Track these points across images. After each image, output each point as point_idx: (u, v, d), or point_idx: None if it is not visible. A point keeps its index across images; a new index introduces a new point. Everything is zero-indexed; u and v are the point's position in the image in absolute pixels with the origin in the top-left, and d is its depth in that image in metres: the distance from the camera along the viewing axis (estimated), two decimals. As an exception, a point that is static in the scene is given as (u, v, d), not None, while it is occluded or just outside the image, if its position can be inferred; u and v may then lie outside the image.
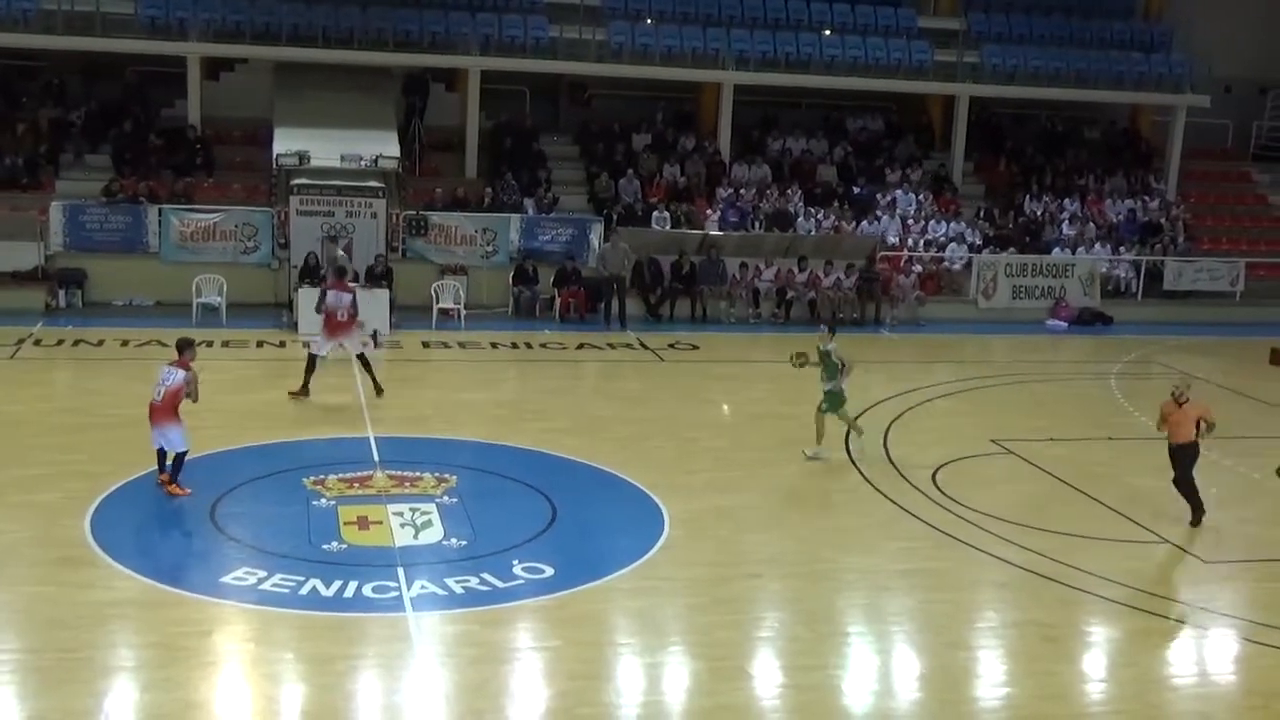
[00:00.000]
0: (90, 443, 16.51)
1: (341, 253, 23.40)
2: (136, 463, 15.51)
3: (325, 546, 13.31)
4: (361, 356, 19.44)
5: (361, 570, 12.70)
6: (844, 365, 16.98)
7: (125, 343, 22.01)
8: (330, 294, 19.09)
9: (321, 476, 15.37)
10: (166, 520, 14.23)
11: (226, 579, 12.46)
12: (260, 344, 22.71)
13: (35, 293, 24.29)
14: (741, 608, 12.50)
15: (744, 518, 14.96)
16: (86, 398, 19.02)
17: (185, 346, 15.12)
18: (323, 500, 14.72)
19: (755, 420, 19.60)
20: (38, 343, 21.84)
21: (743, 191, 30.01)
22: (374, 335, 20.88)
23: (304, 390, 18.93)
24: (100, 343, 21.93)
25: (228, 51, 28.44)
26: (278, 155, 25.86)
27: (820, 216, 29.88)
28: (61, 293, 24.56)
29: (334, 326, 18.95)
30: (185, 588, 12.25)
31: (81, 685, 10.41)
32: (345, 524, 13.97)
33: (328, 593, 12.21)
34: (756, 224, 29.24)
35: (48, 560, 12.80)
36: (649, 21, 31.06)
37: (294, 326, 23.75)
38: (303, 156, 25.57)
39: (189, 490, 14.63)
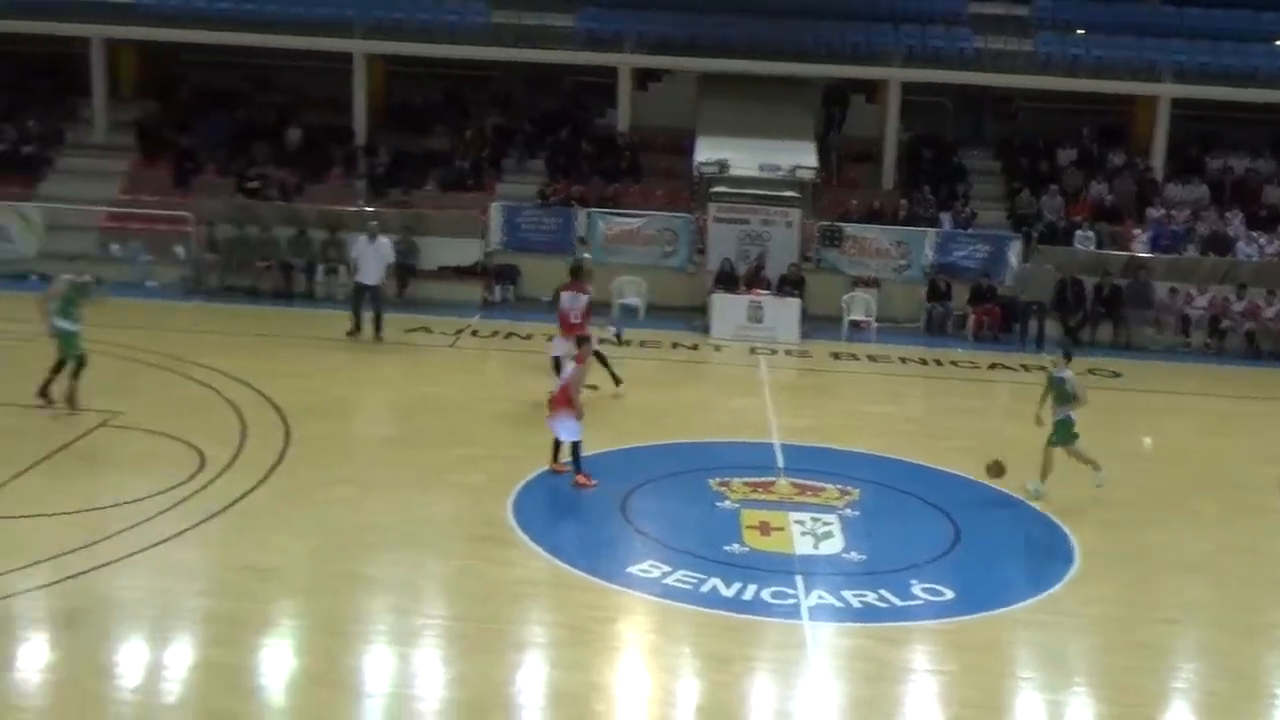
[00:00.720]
0: (514, 430, 17.55)
1: (587, 256, 23.25)
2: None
3: (727, 548, 13.57)
4: (599, 354, 18.94)
5: (761, 575, 12.87)
6: (1075, 393, 15.53)
7: (551, 337, 23.21)
8: (564, 295, 19.04)
9: (726, 479, 15.69)
10: (580, 508, 14.93)
11: (633, 570, 12.95)
12: (675, 345, 23.46)
13: (475, 287, 26.11)
14: (1154, 654, 11.79)
15: (1162, 557, 14.11)
16: (513, 388, 20.23)
17: (581, 343, 15.91)
18: (726, 502, 15.02)
19: (1179, 455, 18.45)
20: (474, 333, 23.46)
21: (1174, 212, 28.27)
22: (617, 335, 21.09)
23: (616, 381, 19.17)
24: (529, 336, 23.28)
25: (657, 63, 29.54)
26: (699, 163, 26.61)
27: (1264, 242, 27.70)
28: (497, 287, 26.28)
29: (568, 328, 18.63)
30: (594, 574, 12.81)
31: (496, 655, 11.11)
32: (747, 528, 14.20)
33: (727, 593, 12.45)
34: (1190, 247, 27.47)
35: (474, 537, 13.72)
36: (1079, 32, 29.81)
37: (707, 330, 24.38)
38: (723, 165, 26.21)
39: (596, 481, 15.26)
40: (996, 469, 15.54)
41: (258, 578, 12.46)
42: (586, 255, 23.39)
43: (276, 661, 11.08)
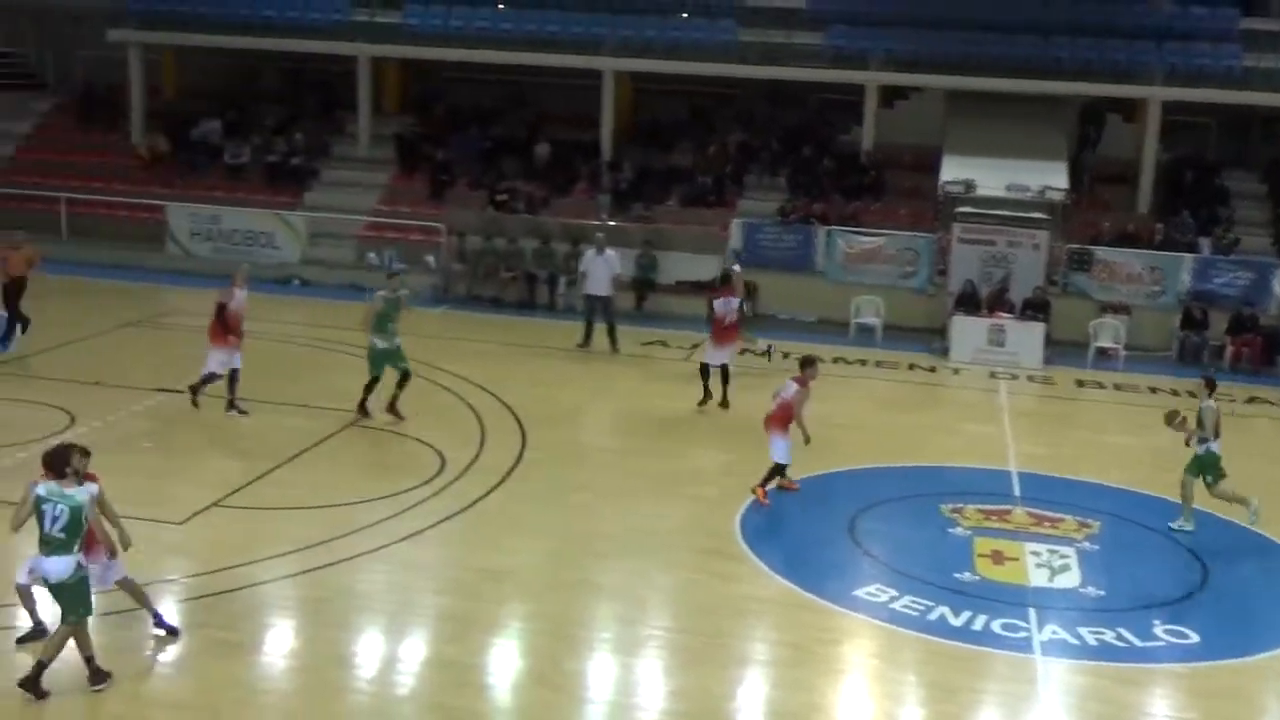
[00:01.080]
0: (745, 446, 17.54)
1: (737, 268, 23.28)
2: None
3: (957, 575, 13.27)
4: (725, 369, 19.36)
5: (992, 605, 12.54)
6: (1205, 426, 14.73)
7: (786, 355, 23.18)
8: (717, 302, 19.58)
9: (959, 505, 15.34)
10: (808, 528, 14.83)
11: (859, 593, 12.79)
12: (911, 367, 23.06)
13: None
14: None
15: None
16: (745, 403, 20.22)
17: (807, 364, 15.75)
18: (958, 529, 14.69)
19: None
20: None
21: None
22: (768, 351, 21.05)
23: (706, 397, 19.27)
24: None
25: (904, 80, 29.15)
26: (944, 183, 26.12)
27: None
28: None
29: (719, 332, 19.35)
30: (820, 594, 12.72)
31: (718, 670, 11.14)
32: (979, 556, 13.85)
33: (956, 622, 12.17)
34: None
35: (702, 550, 13.80)
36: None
37: (945, 353, 23.89)
38: (969, 185, 25.65)
39: (770, 501, 15.28)
40: (1172, 418, 15.09)
41: (490, 579, 12.82)
42: (736, 268, 23.48)
43: (504, 661, 11.38)
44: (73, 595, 10.13)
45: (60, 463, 10.17)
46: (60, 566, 10.05)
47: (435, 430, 17.19)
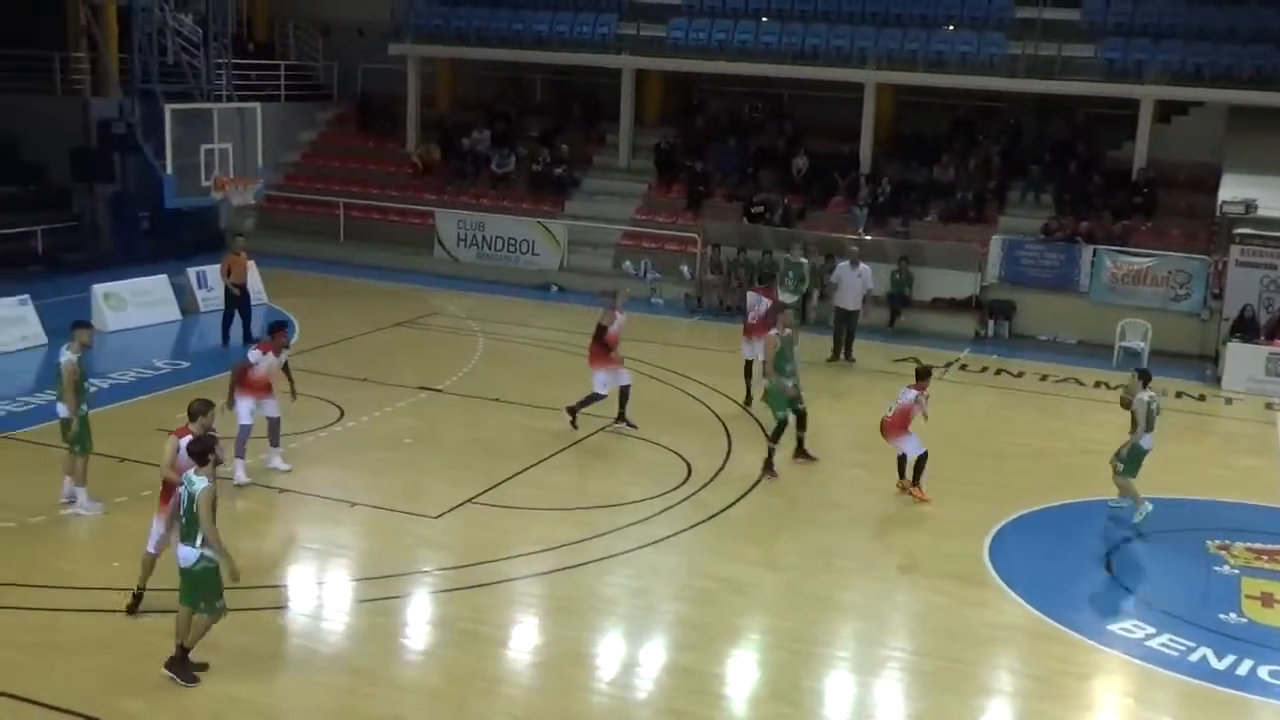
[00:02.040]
0: (997, 469, 17.12)
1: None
2: (1039, 496, 15.86)
3: (1222, 616, 12.59)
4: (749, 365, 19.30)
5: (1260, 650, 11.84)
6: (1136, 419, 15.17)
7: (1044, 377, 22.49)
8: (750, 295, 19.95)
9: (1226, 542, 14.54)
10: (1061, 556, 14.31)
11: (1113, 627, 12.29)
12: (1179, 394, 21.96)
13: (967, 320, 25.67)
14: None
15: None
16: (1000, 425, 19.73)
17: (923, 375, 15.84)
18: (1225, 567, 13.92)
19: None
20: (963, 367, 23.06)
21: None
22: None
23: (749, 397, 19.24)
24: (1020, 374, 22.61)
25: (1184, 94, 27.80)
26: (1223, 202, 24.81)
27: None
28: (991, 322, 25.69)
29: (749, 327, 19.31)
30: (1071, 626, 12.26)
31: (960, 697, 10.88)
32: (1247, 597, 13.10)
33: (1218, 665, 11.55)
34: None
35: (947, 573, 13.50)
36: None
37: (1217, 381, 22.67)
38: (1249, 205, 24.28)
39: (930, 497, 15.31)
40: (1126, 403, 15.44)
41: (731, 589, 12.86)
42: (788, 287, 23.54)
43: (741, 673, 11.39)
44: (195, 584, 10.36)
45: (204, 450, 10.51)
46: (185, 554, 10.35)
47: (684, 439, 17.35)
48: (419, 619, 12.10)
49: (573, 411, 17.54)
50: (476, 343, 22.83)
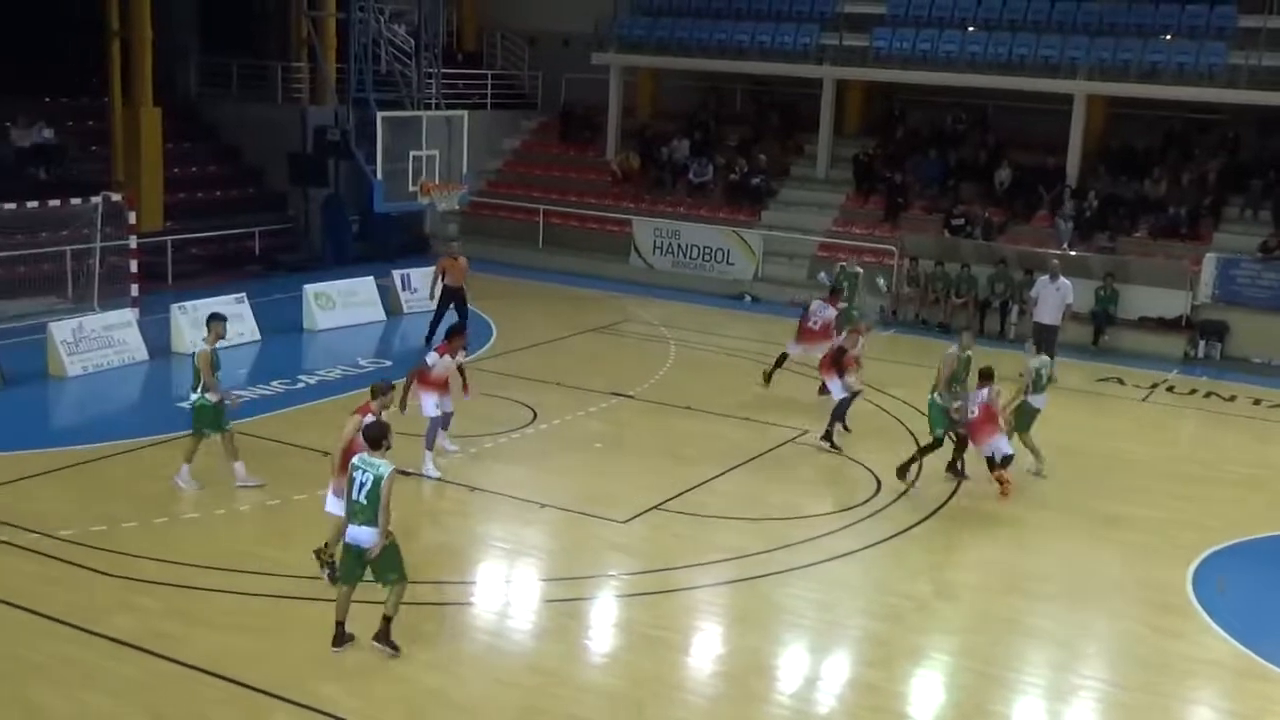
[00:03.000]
0: (1205, 496, 16.41)
1: (823, 274, 23.19)
2: (1248, 526, 15.19)
3: None
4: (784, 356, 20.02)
5: None
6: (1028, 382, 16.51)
7: (1257, 401, 21.49)
8: (816, 303, 19.96)
9: None
10: (1272, 590, 13.66)
11: (1329, 665, 11.67)
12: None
13: (1175, 340, 24.68)
14: None
15: None
16: (1209, 450, 18.94)
17: (986, 377, 15.77)
18: None
19: None
20: (1170, 389, 22.18)
21: None
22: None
23: (766, 379, 19.98)
24: (1232, 398, 21.66)
25: None
26: None
27: None
28: (1201, 343, 24.64)
29: (805, 334, 19.71)
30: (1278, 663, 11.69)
31: (1156, 732, 10.47)
32: None
33: None
34: None
35: (1145, 601, 13.02)
36: None
37: None
38: None
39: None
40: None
41: (917, 607, 12.66)
42: (824, 274, 23.33)
43: (925, 692, 11.20)
44: (385, 560, 10.89)
45: (379, 436, 10.92)
46: (368, 536, 10.78)
47: (874, 453, 17.13)
48: (603, 622, 12.24)
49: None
50: (668, 350, 22.99)
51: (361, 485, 10.78)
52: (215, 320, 14.96)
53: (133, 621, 11.37)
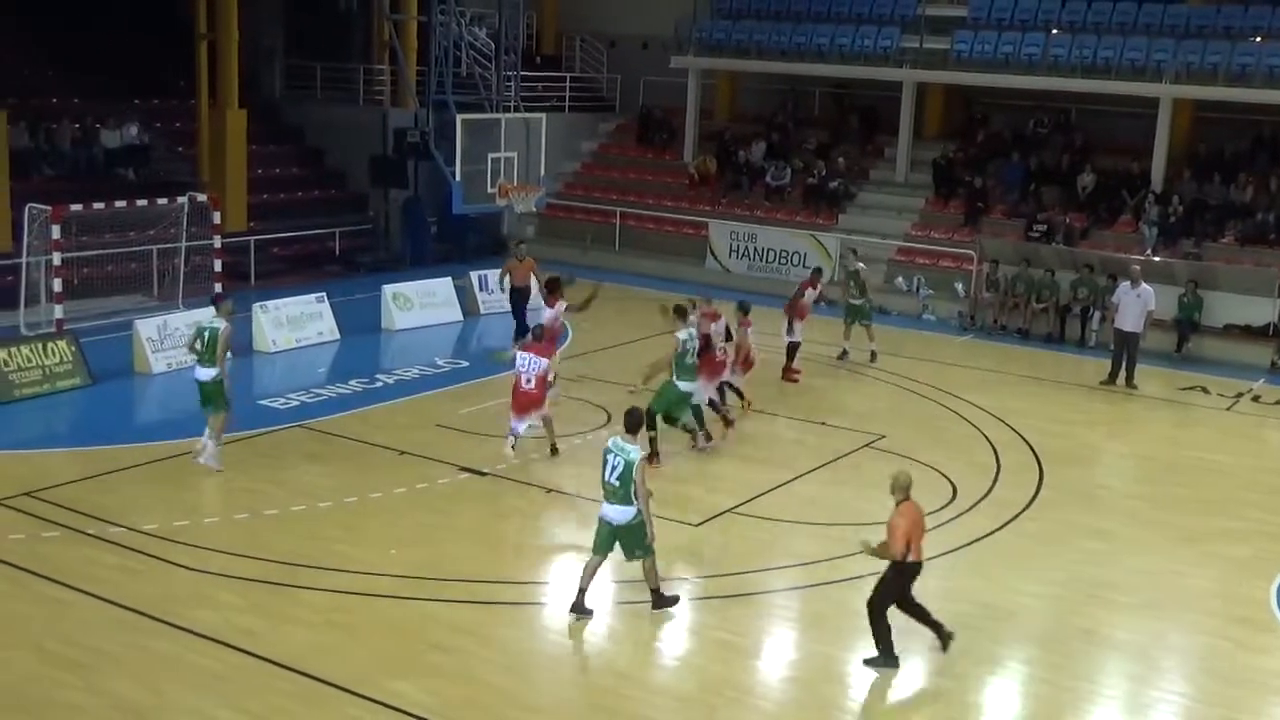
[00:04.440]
0: (1289, 508, 16.10)
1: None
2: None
3: None
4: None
5: None
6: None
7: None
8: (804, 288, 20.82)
9: None
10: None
11: None
12: None
13: (1262, 348, 24.13)
14: None
15: None
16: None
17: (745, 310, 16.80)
18: None
19: None
20: (1256, 399, 21.71)
21: None
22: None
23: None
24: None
25: None
26: None
27: None
28: (1288, 352, 24.16)
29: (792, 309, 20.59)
30: (1365, 683, 11.43)
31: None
32: None
33: None
34: None
35: (1228, 615, 12.78)
36: None
37: None
38: None
39: None
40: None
41: (992, 616, 12.52)
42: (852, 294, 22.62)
43: (1000, 703, 11.09)
44: (633, 537, 11.73)
45: (634, 423, 11.99)
46: (619, 514, 11.70)
47: (951, 459, 16.97)
48: (675, 625, 12.23)
49: None
50: (744, 353, 22.92)
51: (614, 468, 11.66)
52: (224, 299, 16.02)
53: (213, 615, 11.58)
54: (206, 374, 15.14)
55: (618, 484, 11.62)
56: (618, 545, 11.92)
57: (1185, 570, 13.93)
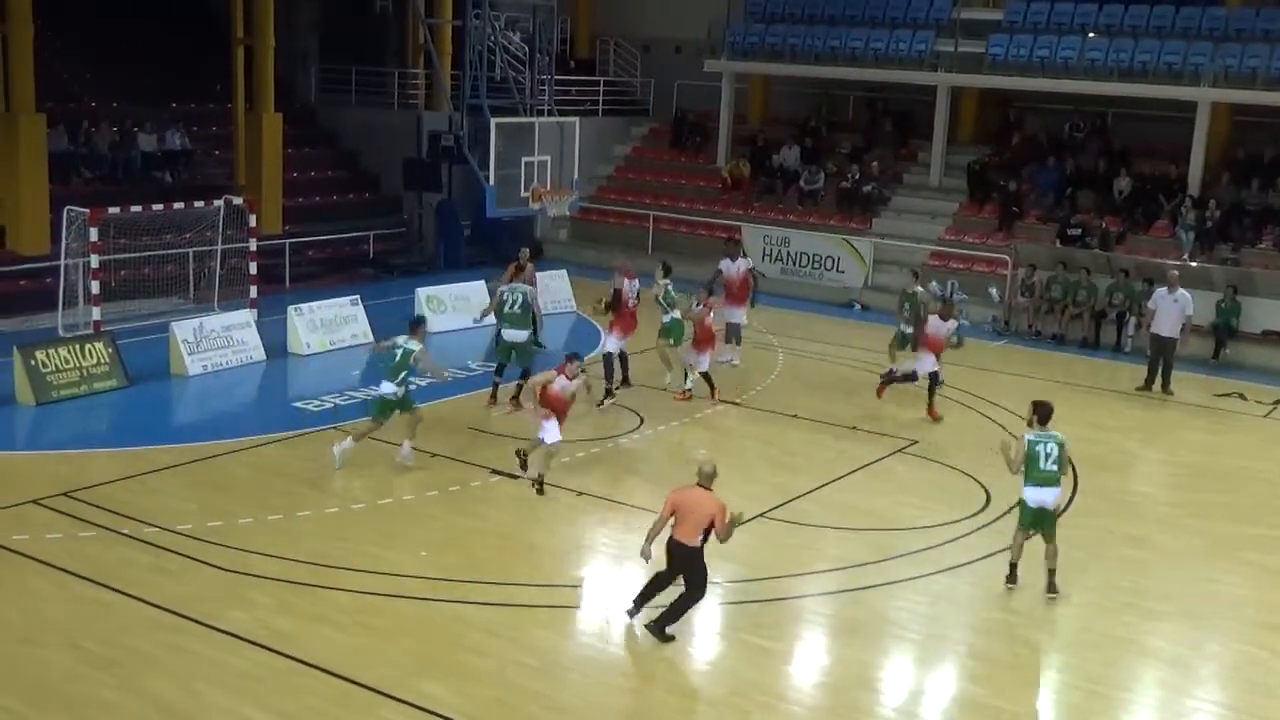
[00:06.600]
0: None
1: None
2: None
3: None
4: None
5: None
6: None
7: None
8: (725, 261, 21.76)
9: None
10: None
11: None
12: None
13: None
14: None
15: None
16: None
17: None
18: None
19: None
20: (1299, 404, 21.55)
21: None
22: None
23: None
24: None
25: None
26: None
27: None
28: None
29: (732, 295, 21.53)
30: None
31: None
32: None
33: None
34: None
35: (1265, 624, 12.66)
36: None
37: None
38: None
39: None
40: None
41: (1026, 622, 12.46)
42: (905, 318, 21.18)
43: (1034, 711, 11.00)
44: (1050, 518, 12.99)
45: (1049, 413, 13.18)
46: (1050, 496, 12.90)
47: (983, 465, 16.87)
48: (707, 629, 12.20)
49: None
50: (776, 358, 22.90)
51: (1048, 455, 12.75)
52: (420, 324, 16.77)
53: (246, 616, 11.64)
54: (388, 388, 15.86)
55: (1055, 468, 12.86)
56: None
57: (1221, 578, 13.81)
